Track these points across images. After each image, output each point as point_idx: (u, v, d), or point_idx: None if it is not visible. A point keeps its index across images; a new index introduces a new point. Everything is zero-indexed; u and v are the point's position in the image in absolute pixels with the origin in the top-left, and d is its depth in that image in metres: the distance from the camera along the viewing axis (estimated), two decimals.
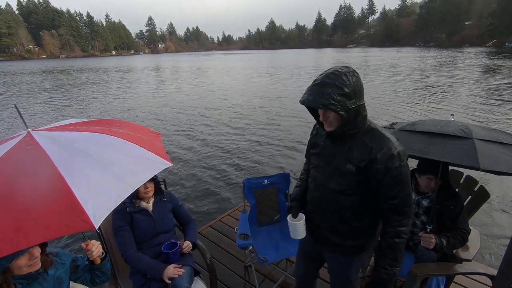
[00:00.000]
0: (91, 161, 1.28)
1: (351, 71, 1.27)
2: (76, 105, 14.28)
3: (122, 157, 1.40)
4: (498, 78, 17.68)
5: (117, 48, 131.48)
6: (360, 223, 1.46)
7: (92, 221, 1.05)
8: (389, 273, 1.38)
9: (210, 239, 3.20)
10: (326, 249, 1.64)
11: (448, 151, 1.71)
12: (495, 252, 3.45)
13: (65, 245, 3.98)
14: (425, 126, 2.00)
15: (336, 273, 1.67)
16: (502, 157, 1.64)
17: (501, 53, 38.26)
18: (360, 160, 1.33)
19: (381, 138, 1.32)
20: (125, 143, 1.49)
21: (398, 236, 1.35)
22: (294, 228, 1.57)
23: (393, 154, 1.28)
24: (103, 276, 1.54)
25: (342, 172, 1.39)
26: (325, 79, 1.25)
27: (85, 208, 1.07)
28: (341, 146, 1.40)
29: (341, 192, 1.42)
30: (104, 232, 2.07)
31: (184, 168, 6.49)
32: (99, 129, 1.52)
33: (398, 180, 1.30)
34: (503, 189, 5.00)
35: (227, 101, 14.15)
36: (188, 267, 1.96)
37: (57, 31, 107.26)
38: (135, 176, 1.32)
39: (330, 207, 1.49)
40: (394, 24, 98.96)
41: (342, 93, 1.23)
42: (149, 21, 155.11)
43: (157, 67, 42.12)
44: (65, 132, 1.46)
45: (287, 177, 2.70)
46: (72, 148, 1.31)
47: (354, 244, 1.51)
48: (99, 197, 1.15)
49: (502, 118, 9.30)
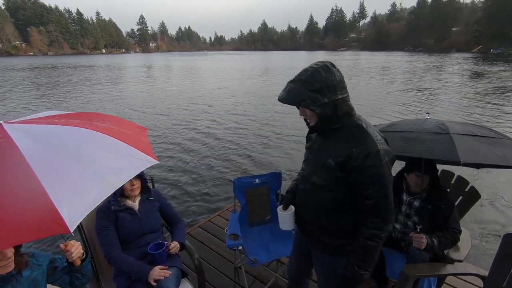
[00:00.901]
0: (69, 157, 1.18)
1: (325, 66, 1.26)
2: (65, 103, 13.96)
3: (104, 153, 1.31)
4: (484, 82, 18.37)
5: (107, 46, 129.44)
6: (344, 220, 1.43)
7: (67, 224, 0.95)
8: (355, 273, 1.37)
9: (200, 240, 3.12)
10: (314, 247, 1.61)
11: (428, 147, 1.73)
12: (486, 253, 3.47)
13: (43, 245, 3.83)
14: (402, 126, 2.03)
15: (323, 273, 1.63)
16: (480, 150, 1.68)
17: (487, 59, 39.38)
18: (338, 156, 1.31)
19: (362, 135, 1.29)
20: (108, 138, 1.38)
21: (372, 239, 1.31)
22: (282, 219, 1.60)
23: (370, 152, 1.24)
24: (83, 278, 1.46)
25: (324, 167, 1.37)
26: (297, 76, 1.28)
27: (60, 209, 0.98)
28: (326, 141, 1.39)
29: (322, 187, 1.40)
30: (87, 232, 1.98)
31: (174, 166, 6.38)
32: (79, 122, 1.41)
33: (374, 180, 1.25)
34: (494, 189, 5.06)
35: (223, 100, 14.11)
36: (175, 268, 1.89)
37: (45, 27, 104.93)
38: (117, 174, 1.23)
39: (313, 202, 1.47)
40: (385, 28, 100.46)
41: (313, 89, 1.23)
42: (141, 19, 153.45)
43: (149, 66, 41.73)
44: (41, 125, 1.34)
45: (278, 176, 2.66)
46: (47, 143, 1.20)
47: (339, 243, 1.47)
48: (76, 198, 1.05)
49: (489, 119, 9.57)
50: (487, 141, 1.78)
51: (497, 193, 4.97)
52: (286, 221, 1.59)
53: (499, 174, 5.49)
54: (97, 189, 1.12)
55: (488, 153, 1.67)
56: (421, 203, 2.04)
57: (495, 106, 11.64)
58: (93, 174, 1.17)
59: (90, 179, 1.15)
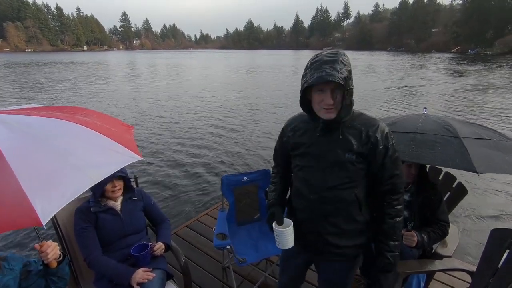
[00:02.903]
0: (46, 149, 1.13)
1: (344, 54, 1.21)
2: (43, 101, 13.43)
3: (84, 147, 1.24)
4: (463, 80, 19.60)
5: (89, 43, 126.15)
6: (363, 216, 1.37)
7: (39, 217, 0.92)
8: (395, 256, 1.35)
9: (187, 240, 3.04)
10: (323, 257, 1.48)
11: (439, 153, 1.66)
12: (474, 248, 3.51)
13: (17, 245, 3.65)
14: (405, 124, 1.96)
15: (332, 283, 1.55)
16: (493, 158, 1.63)
17: (466, 59, 41.09)
18: (359, 146, 1.26)
19: (371, 120, 1.30)
20: (89, 131, 1.31)
21: (399, 215, 1.34)
22: (282, 236, 1.35)
23: (387, 133, 1.28)
24: (60, 282, 1.35)
25: (342, 163, 1.28)
26: (330, 57, 1.17)
27: (32, 202, 0.95)
28: (335, 137, 1.29)
29: (344, 186, 1.30)
30: (65, 233, 1.87)
31: (160, 163, 6.22)
32: (60, 115, 1.33)
33: (395, 158, 1.29)
34: (481, 185, 5.18)
35: (211, 98, 13.98)
36: (159, 270, 1.80)
37: (22, 23, 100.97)
38: (97, 169, 1.17)
39: (332, 208, 1.35)
40: (368, 28, 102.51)
41: (349, 70, 1.19)
42: (123, 16, 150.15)
43: (133, 64, 40.80)
44: (20, 115, 1.27)
45: (268, 174, 2.60)
46: (24, 134, 1.15)
47: (356, 243, 1.40)
48: (51, 191, 1.01)
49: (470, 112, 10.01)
50: (496, 146, 1.73)
51: (485, 188, 5.09)
52: (286, 239, 1.35)
53: None
54: (75, 182, 1.07)
55: (502, 161, 1.63)
56: (411, 196, 2.03)
57: (476, 101, 12.44)
58: (71, 167, 1.12)
59: (68, 172, 1.10)
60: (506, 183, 5.23)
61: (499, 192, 4.98)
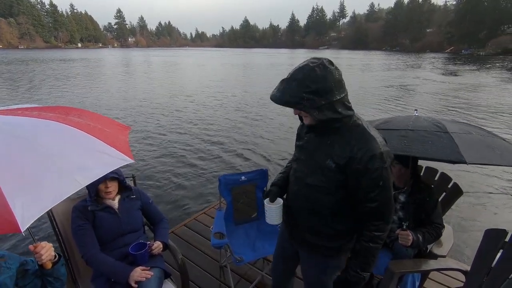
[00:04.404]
0: (32, 151, 1.10)
1: (322, 64, 1.15)
2: (36, 100, 13.25)
3: (73, 149, 1.22)
4: (457, 79, 19.92)
5: (83, 40, 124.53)
6: (341, 225, 1.38)
7: (18, 222, 0.87)
8: (359, 277, 1.30)
9: (184, 239, 3.04)
10: (302, 249, 1.55)
11: (429, 146, 1.69)
12: (469, 248, 3.54)
13: (12, 246, 3.60)
14: (397, 123, 2.00)
15: (311, 275, 1.59)
16: (481, 150, 1.67)
17: (460, 59, 41.51)
18: (340, 157, 1.23)
19: (365, 136, 1.22)
20: (80, 133, 1.29)
21: (374, 241, 1.27)
22: (269, 212, 1.52)
23: (375, 155, 1.18)
24: (56, 283, 1.35)
25: (322, 168, 1.29)
26: (292, 74, 1.17)
27: (12, 206, 0.90)
28: (323, 140, 1.30)
29: (318, 189, 1.32)
30: (63, 232, 1.86)
31: (157, 163, 6.19)
32: (52, 116, 1.31)
33: (378, 182, 1.20)
34: (476, 186, 5.24)
35: (207, 97, 13.92)
36: (157, 269, 1.80)
37: (15, 19, 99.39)
38: (85, 172, 1.14)
39: (307, 205, 1.40)
40: (363, 28, 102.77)
41: (310, 91, 1.13)
42: (118, 13, 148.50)
43: (127, 61, 40.41)
44: (8, 116, 1.23)
45: (265, 174, 2.61)
46: (10, 135, 1.11)
47: (333, 246, 1.43)
48: (34, 195, 0.97)
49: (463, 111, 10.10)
50: (484, 140, 1.78)
51: (479, 189, 5.15)
52: (274, 215, 1.51)
53: (481, 170, 5.73)
54: (61, 187, 1.04)
55: (490, 153, 1.66)
56: (407, 198, 2.05)
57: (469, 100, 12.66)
58: (57, 170, 1.08)
59: (53, 175, 1.07)
60: (501, 184, 5.31)
61: (494, 194, 5.04)
